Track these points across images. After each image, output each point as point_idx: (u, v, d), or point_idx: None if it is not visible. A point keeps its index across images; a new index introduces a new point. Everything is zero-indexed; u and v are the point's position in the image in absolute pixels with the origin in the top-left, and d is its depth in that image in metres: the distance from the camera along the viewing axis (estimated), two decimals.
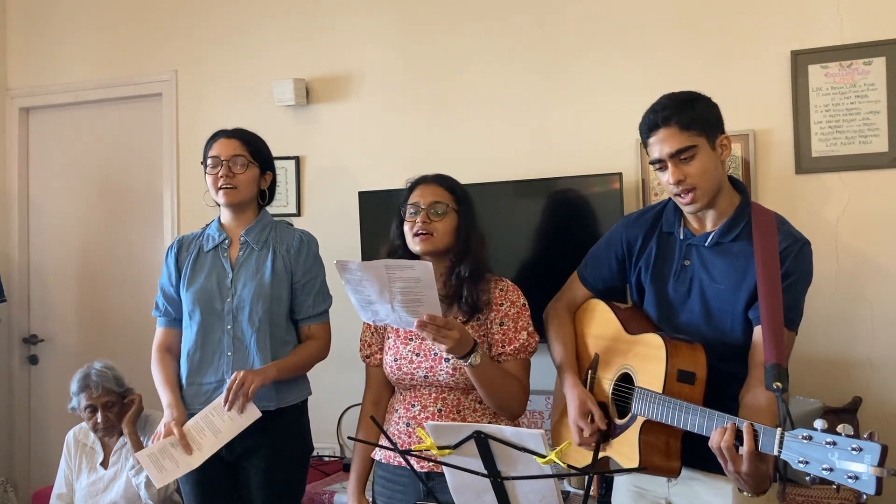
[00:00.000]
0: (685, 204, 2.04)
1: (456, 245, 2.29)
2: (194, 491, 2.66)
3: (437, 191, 2.30)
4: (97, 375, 3.23)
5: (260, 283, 2.60)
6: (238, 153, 2.63)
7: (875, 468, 1.45)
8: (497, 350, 2.27)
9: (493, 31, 3.63)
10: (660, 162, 2.03)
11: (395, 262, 2.07)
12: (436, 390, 2.27)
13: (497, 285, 2.32)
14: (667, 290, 2.12)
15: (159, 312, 2.77)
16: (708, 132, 2.02)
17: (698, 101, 2.04)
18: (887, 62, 3.04)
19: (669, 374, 1.92)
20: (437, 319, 2.04)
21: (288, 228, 2.75)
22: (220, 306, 2.61)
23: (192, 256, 2.70)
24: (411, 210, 2.29)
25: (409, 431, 2.27)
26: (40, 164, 4.63)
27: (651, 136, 2.04)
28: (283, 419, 2.61)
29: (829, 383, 3.02)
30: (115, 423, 3.28)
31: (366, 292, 2.10)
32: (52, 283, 4.58)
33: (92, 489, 3.29)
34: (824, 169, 3.12)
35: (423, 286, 2.01)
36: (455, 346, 2.07)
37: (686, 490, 2.05)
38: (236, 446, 2.57)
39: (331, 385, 2.86)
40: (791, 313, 1.97)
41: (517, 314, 2.29)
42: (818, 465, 1.53)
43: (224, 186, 2.60)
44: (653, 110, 2.05)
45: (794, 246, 2.00)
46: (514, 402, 2.25)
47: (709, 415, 1.80)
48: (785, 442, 1.61)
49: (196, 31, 4.21)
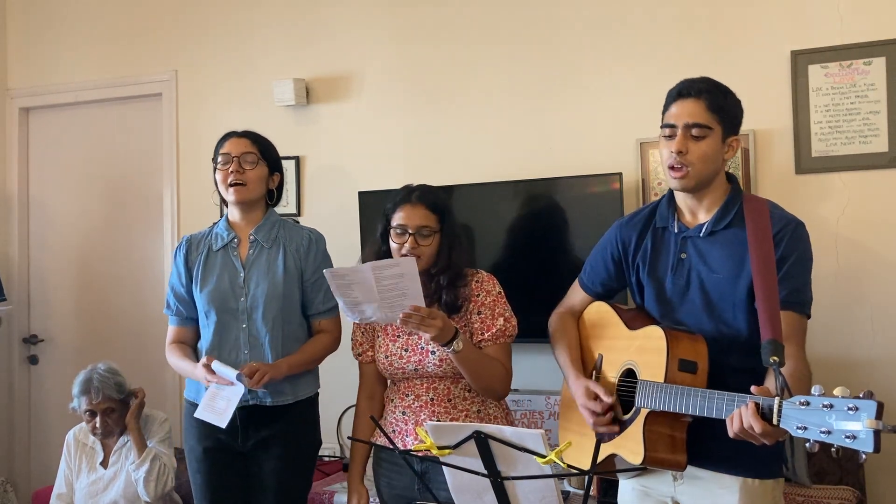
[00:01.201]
0: (674, 178, 2.05)
1: (438, 260, 2.43)
2: (205, 480, 2.69)
3: (423, 214, 2.42)
4: (99, 381, 3.24)
5: (273, 281, 2.64)
6: (248, 150, 2.68)
7: (871, 420, 1.44)
8: (477, 337, 2.41)
9: (493, 32, 3.63)
10: (671, 128, 2.05)
11: (381, 262, 2.23)
12: (426, 381, 2.42)
13: (473, 278, 2.46)
14: (665, 285, 2.12)
15: (171, 311, 2.79)
16: (726, 125, 2.05)
17: (732, 96, 2.09)
18: (887, 62, 3.04)
19: (670, 364, 1.93)
20: (420, 310, 2.20)
21: (296, 227, 2.79)
22: (234, 305, 2.65)
23: (203, 256, 2.72)
24: (398, 231, 2.41)
25: (406, 419, 2.42)
26: (40, 164, 4.63)
27: (676, 100, 2.06)
28: (297, 411, 2.68)
29: (829, 383, 3.01)
30: (114, 429, 3.30)
31: (353, 294, 2.25)
32: (52, 283, 4.58)
33: (92, 489, 3.30)
34: (824, 169, 3.13)
35: (407, 280, 2.18)
36: (439, 333, 2.23)
37: (692, 489, 2.05)
38: (251, 437, 2.64)
39: (331, 385, 2.87)
40: (799, 296, 1.97)
41: (493, 302, 2.43)
42: (816, 430, 1.53)
43: (234, 182, 2.64)
44: (690, 80, 2.08)
45: (788, 227, 2.00)
46: (498, 382, 2.41)
47: (709, 395, 1.81)
48: (783, 410, 1.61)
49: (196, 31, 4.21)
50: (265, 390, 2.60)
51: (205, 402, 2.57)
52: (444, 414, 2.38)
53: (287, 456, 2.66)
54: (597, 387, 2.09)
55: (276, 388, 2.61)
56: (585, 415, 2.10)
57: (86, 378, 3.27)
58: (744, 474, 1.99)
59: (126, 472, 3.26)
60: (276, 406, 2.64)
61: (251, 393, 2.60)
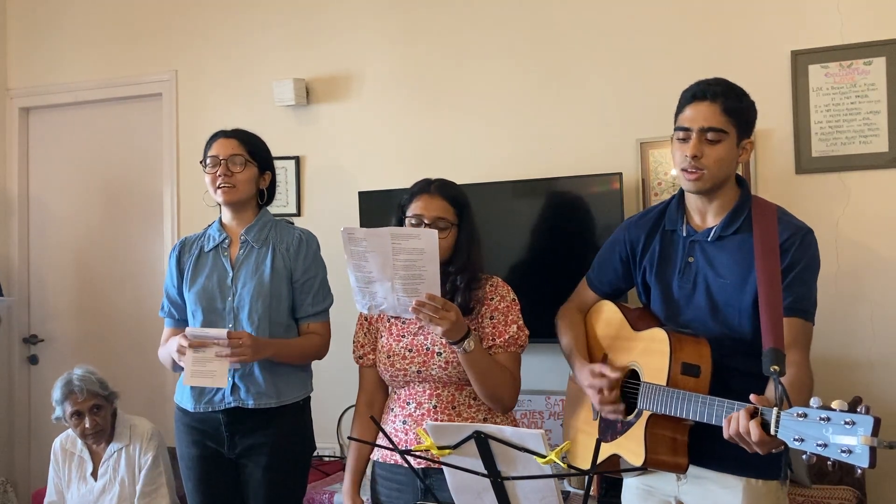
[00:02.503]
0: (689, 180, 2.04)
1: (455, 257, 2.32)
2: (197, 488, 2.67)
3: (441, 205, 2.31)
4: (80, 380, 3.16)
5: (259, 281, 2.61)
6: (236, 152, 2.64)
7: (866, 437, 1.44)
8: (488, 342, 2.29)
9: (492, 32, 3.63)
10: (685, 131, 2.03)
11: (401, 229, 2.12)
12: (430, 386, 2.29)
13: (488, 282, 2.36)
14: (672, 288, 2.12)
15: (165, 313, 2.78)
16: (741, 128, 2.04)
17: (746, 98, 2.07)
18: (887, 62, 3.04)
19: (673, 367, 1.93)
20: (436, 299, 2.09)
21: (288, 227, 2.76)
22: (221, 305, 2.62)
23: (194, 257, 2.71)
24: (414, 222, 2.31)
25: (406, 429, 2.28)
26: (40, 164, 4.63)
27: (691, 103, 2.04)
28: (285, 417, 2.62)
29: (829, 383, 3.02)
30: (105, 427, 3.22)
31: (367, 267, 2.13)
32: (52, 282, 4.58)
33: (83, 500, 3.24)
34: (824, 169, 3.12)
35: (426, 259, 2.07)
36: (451, 328, 2.11)
37: (695, 488, 2.05)
38: (238, 444, 2.60)
39: (331, 385, 2.86)
40: (805, 303, 1.97)
41: (507, 308, 2.32)
42: (813, 442, 1.53)
43: (222, 185, 2.62)
44: (705, 82, 2.06)
45: (797, 235, 2.00)
46: (506, 392, 2.28)
47: (709, 402, 1.81)
48: (781, 421, 1.61)
49: (196, 31, 4.21)
50: (248, 392, 2.56)
51: (191, 369, 2.46)
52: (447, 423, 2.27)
53: (275, 465, 2.60)
54: (602, 366, 2.08)
55: (259, 391, 2.56)
56: (591, 394, 2.09)
57: (65, 382, 3.19)
58: (747, 475, 1.99)
59: (118, 484, 3.20)
60: (259, 409, 2.57)
61: (233, 395, 2.57)
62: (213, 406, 2.60)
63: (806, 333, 1.97)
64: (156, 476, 3.22)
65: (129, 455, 3.23)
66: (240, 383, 2.58)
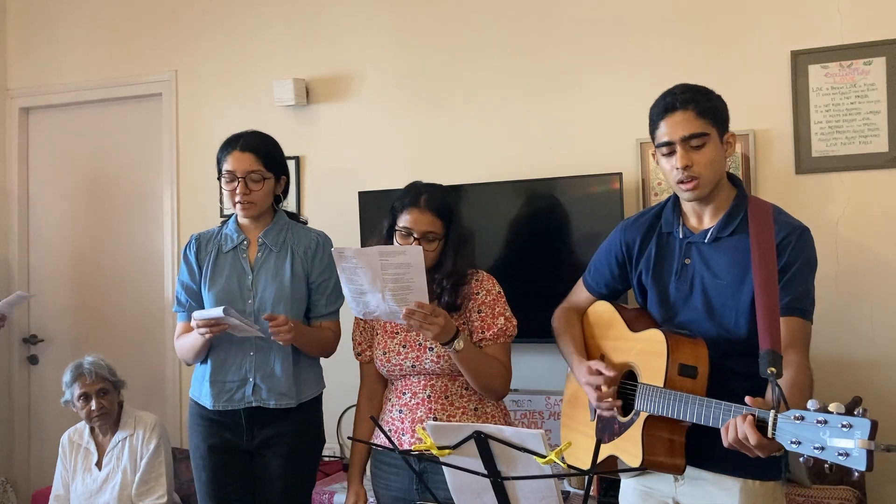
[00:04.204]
0: (686, 191, 2.03)
1: (442, 265, 2.43)
2: (210, 477, 2.69)
3: (430, 220, 2.41)
4: (90, 364, 3.28)
5: (280, 285, 2.64)
6: (253, 168, 2.62)
7: (863, 441, 1.43)
8: (477, 336, 2.42)
9: (492, 32, 3.63)
10: (668, 145, 2.03)
11: (388, 248, 2.25)
12: (424, 378, 2.42)
13: (473, 277, 2.47)
14: (668, 290, 2.12)
15: (182, 308, 2.76)
16: (719, 125, 2.04)
17: (713, 94, 2.07)
18: (887, 62, 3.04)
19: (670, 368, 1.93)
20: (424, 307, 2.22)
21: (304, 229, 2.78)
22: (241, 307, 2.64)
23: (213, 256, 2.72)
24: (403, 232, 2.42)
25: (402, 418, 2.43)
26: (40, 164, 4.63)
27: (665, 117, 2.04)
28: (302, 412, 2.68)
29: (829, 383, 3.02)
30: (111, 411, 3.30)
31: (359, 281, 2.27)
32: (52, 282, 4.58)
33: (87, 490, 3.30)
34: (824, 169, 3.13)
35: (413, 272, 2.20)
36: (440, 332, 2.24)
37: (693, 489, 2.05)
38: (256, 436, 2.65)
39: (331, 385, 2.86)
40: (803, 302, 1.97)
41: (493, 301, 2.44)
42: (810, 445, 1.53)
43: (241, 201, 2.63)
44: (670, 93, 2.06)
45: (793, 234, 1.99)
46: (498, 382, 2.42)
47: (706, 404, 1.81)
48: (778, 423, 1.61)
49: (196, 31, 4.21)
50: (269, 393, 2.61)
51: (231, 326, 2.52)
52: (440, 411, 2.39)
53: (293, 455, 2.67)
54: (598, 364, 2.09)
55: (280, 391, 2.62)
56: (588, 391, 2.10)
57: (75, 365, 3.31)
58: (745, 476, 1.99)
59: (121, 473, 3.26)
60: (279, 409, 2.64)
61: (255, 395, 2.61)
62: (234, 405, 2.64)
63: (805, 332, 1.97)
64: (157, 465, 3.29)
65: (132, 444, 3.30)
66: (261, 384, 2.62)
